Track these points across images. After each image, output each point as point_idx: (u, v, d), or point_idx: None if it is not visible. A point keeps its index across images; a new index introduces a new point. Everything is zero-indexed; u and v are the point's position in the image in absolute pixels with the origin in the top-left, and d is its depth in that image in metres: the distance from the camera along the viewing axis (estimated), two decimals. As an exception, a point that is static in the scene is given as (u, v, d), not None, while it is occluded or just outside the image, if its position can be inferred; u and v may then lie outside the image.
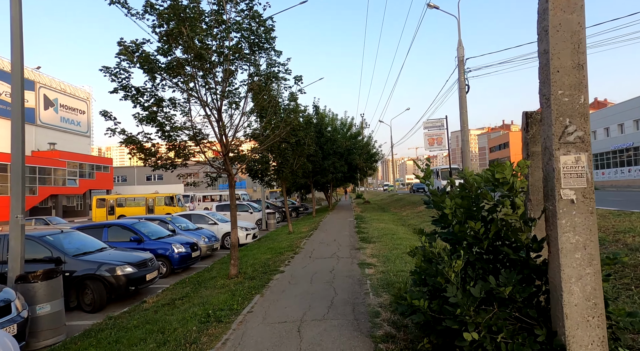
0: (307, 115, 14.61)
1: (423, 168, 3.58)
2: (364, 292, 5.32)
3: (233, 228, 7.39)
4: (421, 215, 16.99)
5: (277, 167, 13.95)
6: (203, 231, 12.28)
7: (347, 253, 8.73)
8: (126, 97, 6.11)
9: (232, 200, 7.50)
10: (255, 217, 20.47)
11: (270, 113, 8.17)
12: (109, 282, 6.44)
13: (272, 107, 8.00)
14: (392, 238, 10.65)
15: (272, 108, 8.10)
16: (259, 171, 13.62)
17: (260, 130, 8.62)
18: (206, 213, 14.18)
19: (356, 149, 26.77)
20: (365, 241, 10.42)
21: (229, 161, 7.33)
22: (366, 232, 12.61)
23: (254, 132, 8.45)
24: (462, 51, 17.81)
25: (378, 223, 15.65)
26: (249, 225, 14.51)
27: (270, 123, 8.39)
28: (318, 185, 26.79)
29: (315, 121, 22.14)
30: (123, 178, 62.33)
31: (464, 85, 17.69)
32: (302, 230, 15.35)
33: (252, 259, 9.25)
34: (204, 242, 11.44)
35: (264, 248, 11.19)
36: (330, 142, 22.73)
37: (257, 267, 7.90)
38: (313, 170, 21.61)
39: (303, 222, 20.46)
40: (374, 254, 8.27)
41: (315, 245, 10.35)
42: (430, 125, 21.40)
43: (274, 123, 8.19)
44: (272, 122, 8.16)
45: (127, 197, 34.31)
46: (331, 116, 26.33)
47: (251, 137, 8.96)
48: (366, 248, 9.25)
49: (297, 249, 9.68)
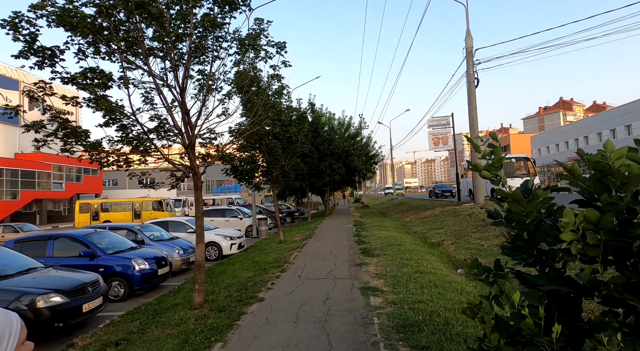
0: (300, 110, 13.01)
1: (483, 150, 1.90)
2: (370, 342, 3.66)
3: (198, 243, 5.74)
4: (427, 222, 15.37)
5: (266, 167, 12.31)
6: (178, 241, 10.60)
7: (345, 271, 7.08)
8: (41, 64, 4.47)
9: (199, 205, 5.86)
10: (246, 223, 18.77)
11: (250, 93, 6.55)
12: (26, 319, 4.75)
13: (252, 82, 6.37)
14: (398, 250, 9.01)
15: (251, 87, 6.48)
16: (245, 172, 11.98)
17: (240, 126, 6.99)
18: (186, 220, 12.51)
19: (355, 150, 25.18)
20: (367, 254, 8.78)
21: (193, 156, 5.69)
22: (367, 241, 10.96)
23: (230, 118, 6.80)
24: (471, 41, 16.30)
25: (380, 230, 14.01)
26: (234, 233, 12.83)
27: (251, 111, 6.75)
28: (314, 188, 25.14)
29: (310, 119, 20.56)
30: (114, 182, 60.45)
31: (473, 78, 16.16)
32: (294, 238, 13.68)
33: (229, 277, 7.58)
34: (177, 254, 9.76)
35: (248, 261, 9.52)
36: (327, 142, 21.13)
37: (232, 291, 6.23)
38: (309, 172, 19.99)
39: (297, 228, 18.78)
40: (380, 273, 6.62)
41: (308, 259, 8.69)
42: (435, 123, 19.85)
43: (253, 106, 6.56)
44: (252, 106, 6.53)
45: (113, 201, 32.57)
46: (328, 115, 24.77)
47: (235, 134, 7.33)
48: (369, 263, 7.61)
49: (286, 265, 8.02)
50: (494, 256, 7.57)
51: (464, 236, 10.31)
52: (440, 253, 9.20)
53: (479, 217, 12.24)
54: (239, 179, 12.54)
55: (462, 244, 9.51)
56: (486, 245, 8.64)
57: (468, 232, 10.68)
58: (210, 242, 12.08)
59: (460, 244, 9.55)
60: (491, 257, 7.58)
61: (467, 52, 16.29)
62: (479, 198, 16.00)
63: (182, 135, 5.50)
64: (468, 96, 16.33)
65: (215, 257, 12.00)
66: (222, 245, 12.03)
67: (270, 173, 12.32)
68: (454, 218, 13.95)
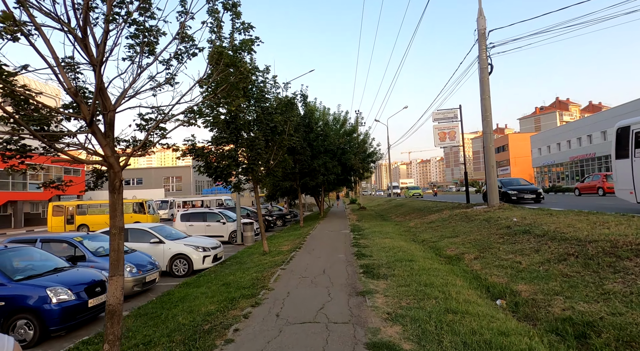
0: (287, 97, 10.96)
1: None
2: None
3: (112, 275, 3.64)
4: (435, 227, 13.38)
5: (247, 164, 10.24)
6: (134, 256, 8.47)
7: (343, 306, 5.03)
8: None
9: (114, 217, 3.78)
10: (229, 228, 16.67)
11: (213, 53, 4.47)
12: None
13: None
14: (410, 268, 6.99)
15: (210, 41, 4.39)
16: (219, 169, 9.89)
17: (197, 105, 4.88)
18: (150, 228, 10.37)
19: (351, 148, 23.19)
20: (371, 274, 6.75)
21: (105, 138, 3.61)
22: (369, 254, 8.94)
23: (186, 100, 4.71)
24: (484, 22, 14.36)
25: (382, 237, 11.99)
26: (209, 243, 10.72)
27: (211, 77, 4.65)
28: (307, 189, 23.09)
29: (302, 112, 18.52)
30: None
31: (486, 63, 14.21)
32: (281, 248, 11.61)
33: (182, 313, 5.49)
34: (129, 273, 7.65)
35: (218, 283, 7.43)
36: (320, 138, 19.09)
37: (173, 346, 4.16)
38: (300, 171, 17.94)
39: (287, 234, 16.70)
40: (393, 312, 4.58)
41: (293, 281, 6.63)
42: (440, 117, 17.89)
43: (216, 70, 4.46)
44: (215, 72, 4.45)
45: (90, 203, 30.30)
46: (322, 110, 22.76)
47: (188, 112, 5.22)
48: (374, 291, 5.57)
49: (262, 292, 5.95)
50: (544, 280, 5.58)
51: (489, 248, 8.32)
52: (463, 271, 7.19)
53: (500, 223, 10.27)
54: (214, 178, 10.45)
55: (489, 259, 7.51)
56: (525, 262, 6.65)
57: (492, 242, 8.70)
58: (178, 255, 9.99)
59: (487, 259, 7.55)
60: (540, 282, 5.58)
61: (480, 34, 14.35)
62: (493, 200, 14.05)
63: (81, 105, 3.42)
64: (480, 84, 14.39)
65: (184, 272, 9.90)
66: (192, 257, 9.94)
67: (252, 171, 10.24)
68: (468, 224, 11.98)
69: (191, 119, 4.63)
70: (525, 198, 16.81)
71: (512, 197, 16.72)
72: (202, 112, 4.52)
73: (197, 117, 4.50)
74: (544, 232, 7.92)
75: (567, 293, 4.96)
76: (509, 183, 18.22)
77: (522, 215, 10.67)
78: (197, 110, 4.53)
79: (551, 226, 8.21)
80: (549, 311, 4.60)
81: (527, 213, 10.96)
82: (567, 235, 7.21)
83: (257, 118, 10.19)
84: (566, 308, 4.53)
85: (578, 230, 7.32)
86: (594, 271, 5.43)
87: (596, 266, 5.54)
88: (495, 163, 14.30)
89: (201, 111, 4.53)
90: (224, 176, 10.12)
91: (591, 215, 9.11)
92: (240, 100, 4.46)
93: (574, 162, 46.65)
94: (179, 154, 10.19)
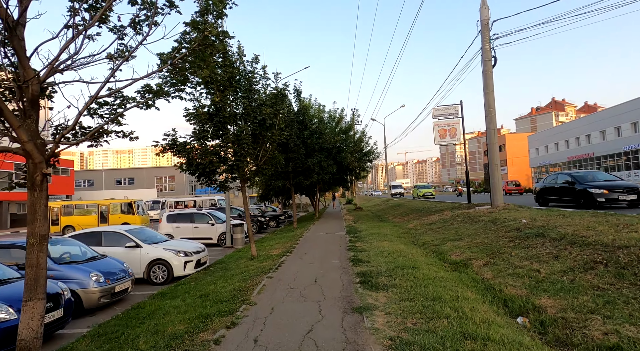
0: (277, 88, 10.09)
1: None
2: None
3: (27, 299, 2.75)
4: (436, 229, 12.56)
5: (233, 161, 9.36)
6: (103, 262, 7.56)
7: (336, 328, 4.17)
8: None
9: (34, 222, 2.89)
10: (218, 230, 15.75)
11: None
12: None
13: None
14: (413, 277, 6.15)
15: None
16: (201, 166, 9.02)
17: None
18: (125, 230, 9.44)
19: (347, 146, 22.35)
20: (369, 284, 5.90)
21: (11, 115, 2.73)
22: (366, 259, 8.09)
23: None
24: (487, 12, 13.59)
25: (380, 240, 11.15)
26: (191, 247, 9.81)
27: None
28: (301, 188, 22.22)
29: (296, 107, 17.68)
30: (90, 183, 56.55)
31: (490, 56, 13.44)
32: (271, 252, 10.74)
33: (143, 333, 4.60)
34: (95, 283, 6.74)
35: (196, 294, 6.55)
36: (315, 136, 18.22)
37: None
38: (294, 169, 17.06)
39: (279, 236, 15.83)
40: (397, 336, 3.74)
41: (280, 293, 5.76)
42: (441, 113, 17.09)
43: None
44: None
45: (77, 203, 29.28)
46: (317, 107, 21.91)
47: (143, 93, 4.35)
48: (373, 307, 4.72)
49: (243, 308, 5.08)
50: (572, 294, 4.76)
51: (499, 253, 7.51)
52: (473, 280, 6.36)
53: (508, 225, 9.47)
54: (197, 177, 9.56)
55: (501, 266, 6.69)
56: (544, 270, 5.83)
57: (502, 246, 7.88)
58: (156, 260, 9.08)
59: (499, 266, 6.73)
60: (567, 295, 4.76)
61: (483, 25, 13.58)
62: (498, 199, 13.27)
63: None
64: (483, 77, 13.61)
65: (164, 279, 9.00)
66: (172, 263, 9.03)
67: (238, 169, 9.37)
68: (471, 226, 11.17)
69: (149, 100, 3.76)
70: (619, 201, 10.96)
71: (597, 199, 11.05)
72: (162, 91, 3.63)
73: (156, 96, 3.62)
74: (560, 236, 7.11)
75: (604, 311, 4.14)
76: (587, 179, 12.24)
77: (531, 216, 9.88)
78: (157, 89, 3.66)
79: (568, 229, 7.41)
80: (587, 335, 3.77)
81: (537, 214, 10.18)
82: (589, 239, 6.41)
83: (244, 111, 9.32)
84: (609, 331, 3.71)
85: (601, 234, 6.52)
86: (631, 283, 4.62)
87: (633, 277, 4.73)
88: (499, 162, 13.53)
89: (162, 90, 3.65)
90: (206, 174, 9.23)
91: (609, 216, 8.33)
92: (205, 71, 3.59)
93: (572, 162, 46.20)
94: (158, 150, 9.32)
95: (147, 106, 3.71)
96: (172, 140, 9.19)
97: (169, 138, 9.17)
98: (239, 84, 9.50)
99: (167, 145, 9.16)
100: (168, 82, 3.92)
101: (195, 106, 9.07)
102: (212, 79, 8.75)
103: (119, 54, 3.68)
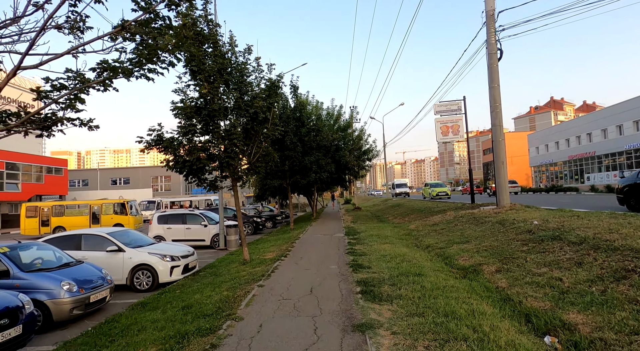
0: (271, 80, 9.42)
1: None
2: None
3: None
4: (440, 231, 11.92)
5: (222, 157, 8.69)
6: (78, 269, 6.88)
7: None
8: None
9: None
10: (211, 231, 15.06)
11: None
12: None
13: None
14: (421, 286, 5.51)
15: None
16: (188, 163, 8.35)
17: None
18: (107, 233, 8.76)
19: (346, 144, 21.72)
20: (372, 295, 5.25)
21: None
22: (367, 264, 7.45)
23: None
24: (492, 2, 12.96)
25: (381, 243, 10.52)
26: (179, 251, 9.13)
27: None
28: (298, 188, 21.57)
29: (292, 104, 17.03)
30: (84, 183, 55.71)
31: (495, 48, 12.81)
32: (265, 255, 10.08)
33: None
34: (67, 293, 6.06)
35: (177, 306, 5.88)
36: (313, 133, 17.56)
37: None
38: (291, 168, 16.41)
39: (274, 238, 15.17)
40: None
41: (271, 307, 5.10)
42: (443, 109, 16.45)
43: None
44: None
45: (68, 204, 28.50)
46: (315, 104, 21.24)
47: (100, 70, 3.66)
48: (379, 326, 4.07)
49: (227, 325, 4.42)
50: (607, 309, 4.12)
51: (512, 258, 6.87)
52: (486, 289, 5.72)
53: (518, 226, 8.83)
54: (185, 175, 8.88)
55: (516, 273, 6.05)
56: (567, 279, 5.19)
57: (515, 250, 7.25)
58: (141, 265, 8.40)
59: (514, 273, 6.09)
60: (601, 310, 4.12)
61: (488, 16, 12.95)
62: (504, 199, 12.65)
63: None
64: (489, 71, 12.98)
65: (148, 286, 8.33)
66: (157, 268, 8.36)
67: (229, 166, 8.70)
68: (478, 227, 10.55)
69: (107, 80, 3.09)
70: None
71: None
72: (123, 69, 2.97)
73: (113, 74, 2.96)
74: (580, 239, 6.48)
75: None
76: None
77: (542, 217, 9.26)
78: (113, 66, 2.99)
79: (587, 231, 6.78)
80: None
81: (548, 215, 9.56)
82: (614, 243, 5.78)
83: (235, 104, 8.66)
84: (663, 359, 3.07)
85: (627, 238, 5.89)
86: (676, 296, 3.99)
87: (676, 289, 4.10)
88: (505, 160, 12.90)
89: (122, 67, 2.99)
90: (194, 172, 8.56)
91: (630, 217, 7.71)
92: (169, 38, 2.92)
93: (573, 161, 45.68)
94: (143, 146, 8.66)
95: (104, 86, 3.05)
96: (158, 135, 8.53)
97: (154, 133, 8.51)
98: (230, 76, 8.84)
99: (152, 141, 8.49)
100: (133, 59, 3.26)
101: (182, 99, 8.42)
102: (199, 69, 8.10)
103: (72, 24, 3.01)
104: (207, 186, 9.49)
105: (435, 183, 34.42)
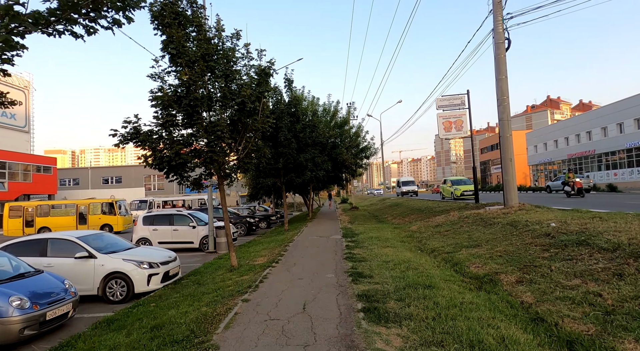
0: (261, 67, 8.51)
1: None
2: None
3: None
4: (444, 233, 11.09)
5: (207, 153, 7.79)
6: (34, 280, 5.94)
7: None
8: None
9: None
10: (200, 233, 14.13)
11: None
12: None
13: None
14: (433, 302, 4.65)
15: None
16: (167, 159, 7.44)
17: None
18: (77, 237, 7.81)
19: (342, 141, 20.86)
20: (377, 315, 4.38)
21: None
22: (369, 273, 6.59)
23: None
24: (500, -12, 12.13)
25: (381, 246, 9.67)
26: (159, 257, 8.20)
27: None
28: (293, 187, 20.67)
29: (287, 98, 16.13)
30: (75, 182, 54.42)
31: (503, 38, 12.00)
32: (256, 260, 9.20)
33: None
34: (15, 311, 5.13)
35: (145, 326, 4.98)
36: (308, 129, 16.67)
37: None
38: (285, 165, 15.51)
39: (267, 239, 14.28)
40: None
41: (254, 330, 4.22)
42: (445, 104, 15.62)
43: None
44: None
45: (54, 203, 27.48)
46: (311, 99, 20.35)
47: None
48: (387, 359, 3.21)
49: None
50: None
51: (533, 265, 6.04)
52: (509, 305, 4.87)
53: (533, 229, 8.01)
54: (166, 173, 7.97)
55: (541, 284, 5.21)
56: (609, 295, 4.36)
57: (535, 257, 6.41)
58: (114, 273, 7.48)
59: (539, 284, 5.25)
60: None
61: (495, 3, 12.12)
62: (512, 198, 11.84)
63: None
64: (495, 62, 12.15)
65: (122, 296, 7.41)
66: (132, 277, 7.44)
67: (213, 162, 7.80)
68: (486, 229, 9.72)
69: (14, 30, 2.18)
70: None
71: None
72: (31, 17, 2.08)
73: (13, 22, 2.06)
74: (613, 245, 5.66)
75: None
76: None
77: (558, 219, 8.45)
78: (18, 12, 2.10)
79: (620, 236, 5.96)
80: None
81: (564, 216, 8.75)
82: (658, 250, 4.96)
83: (221, 93, 7.76)
84: None
85: (672, 244, 5.08)
86: None
87: None
88: (513, 156, 12.10)
89: (32, 14, 2.09)
90: (174, 168, 7.65)
91: (662, 219, 6.91)
92: None
93: (571, 160, 45.13)
94: (117, 140, 7.72)
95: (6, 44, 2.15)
96: (135, 128, 7.61)
97: (129, 126, 7.59)
98: (216, 64, 7.94)
99: (127, 135, 7.57)
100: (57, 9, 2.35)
101: (160, 86, 7.51)
102: (178, 52, 7.19)
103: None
104: (191, 185, 8.59)
105: (458, 180, 25.39)
